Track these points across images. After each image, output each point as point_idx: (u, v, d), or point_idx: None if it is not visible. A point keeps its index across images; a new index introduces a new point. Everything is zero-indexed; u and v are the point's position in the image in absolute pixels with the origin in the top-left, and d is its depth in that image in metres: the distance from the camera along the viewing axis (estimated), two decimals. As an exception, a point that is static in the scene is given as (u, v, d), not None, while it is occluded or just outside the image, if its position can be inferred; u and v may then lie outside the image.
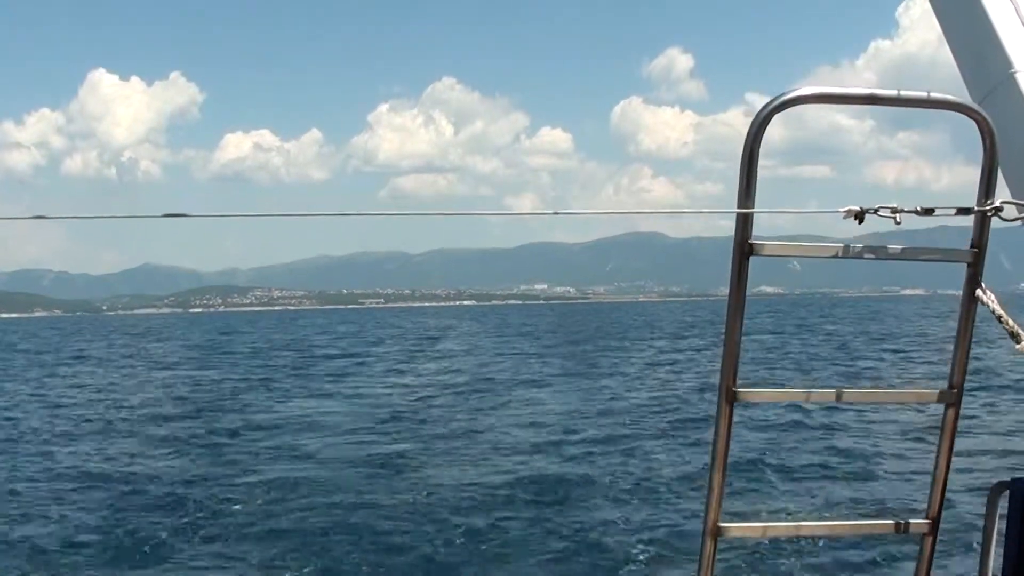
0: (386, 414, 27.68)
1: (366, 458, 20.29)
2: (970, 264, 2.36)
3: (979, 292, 2.36)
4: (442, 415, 26.04)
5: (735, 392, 2.35)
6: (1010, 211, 2.32)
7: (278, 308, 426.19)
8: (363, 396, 33.72)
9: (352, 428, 25.25)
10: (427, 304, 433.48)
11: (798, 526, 2.89)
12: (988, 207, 2.29)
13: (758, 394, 2.55)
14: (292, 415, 28.65)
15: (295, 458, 20.45)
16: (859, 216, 2.26)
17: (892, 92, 2.20)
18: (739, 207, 2.24)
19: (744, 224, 2.26)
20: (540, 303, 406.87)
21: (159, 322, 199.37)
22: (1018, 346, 2.32)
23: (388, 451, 20.93)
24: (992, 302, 2.35)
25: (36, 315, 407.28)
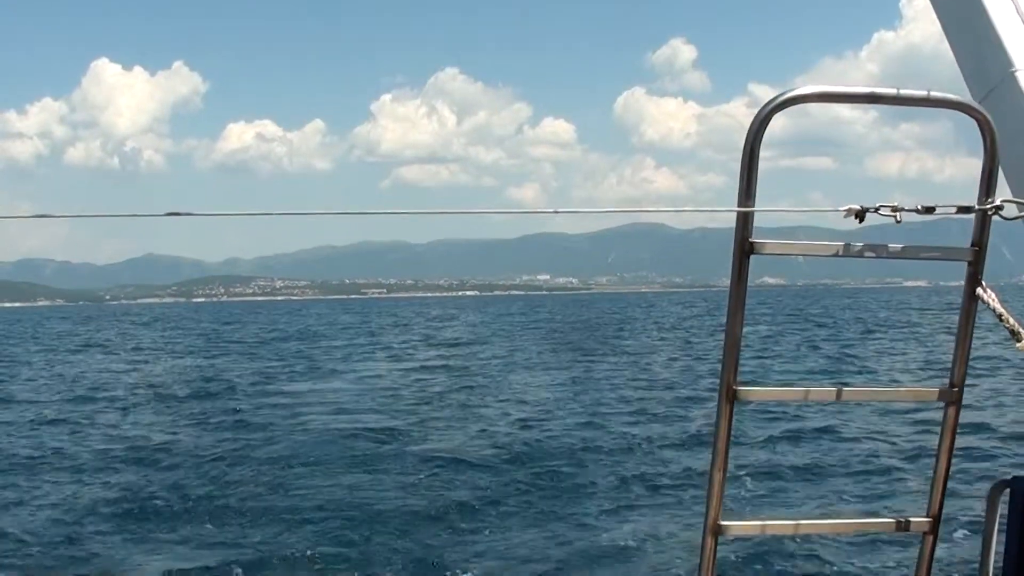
0: (390, 397, 28.59)
1: (369, 438, 20.72)
2: (970, 263, 2.35)
3: (980, 290, 2.36)
4: (442, 414, 25.93)
5: (735, 390, 2.36)
6: (1010, 210, 2.31)
7: (280, 298, 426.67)
8: (366, 379, 34.81)
9: (355, 409, 26.07)
10: (429, 295, 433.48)
11: (799, 524, 2.88)
12: (988, 206, 2.29)
13: (759, 393, 2.55)
14: (300, 393, 29.96)
15: (298, 441, 20.63)
16: (859, 215, 2.26)
17: (892, 91, 2.19)
18: (739, 206, 2.24)
19: (744, 223, 2.25)
20: (542, 294, 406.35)
21: (163, 311, 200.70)
22: (1018, 344, 2.31)
23: (390, 433, 21.14)
24: (993, 300, 2.34)
25: (39, 304, 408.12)
